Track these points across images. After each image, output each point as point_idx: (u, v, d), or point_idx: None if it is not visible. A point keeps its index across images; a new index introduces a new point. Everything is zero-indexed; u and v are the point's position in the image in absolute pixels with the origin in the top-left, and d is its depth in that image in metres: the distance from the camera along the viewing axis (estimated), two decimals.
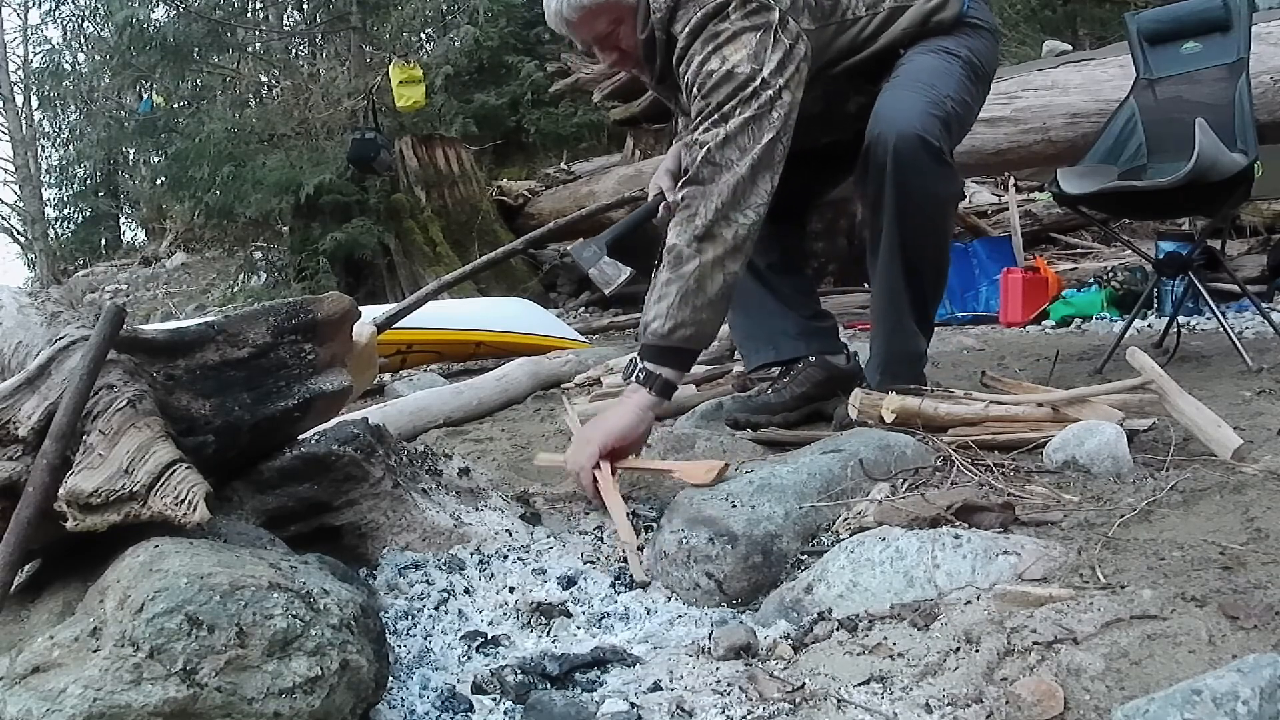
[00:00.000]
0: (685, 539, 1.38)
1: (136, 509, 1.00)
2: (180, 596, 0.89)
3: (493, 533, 1.50)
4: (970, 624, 1.05)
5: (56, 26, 16.14)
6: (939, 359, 3.13)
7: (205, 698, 0.87)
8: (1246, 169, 2.53)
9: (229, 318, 1.34)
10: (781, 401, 2.05)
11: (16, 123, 17.51)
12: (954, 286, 4.94)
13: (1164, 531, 1.24)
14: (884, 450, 1.59)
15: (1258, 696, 0.75)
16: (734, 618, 1.29)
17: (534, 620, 1.27)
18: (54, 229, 17.56)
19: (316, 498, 1.40)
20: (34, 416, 1.06)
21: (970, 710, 0.93)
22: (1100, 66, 4.09)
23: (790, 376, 2.11)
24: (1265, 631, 0.92)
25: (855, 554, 1.24)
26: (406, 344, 4.03)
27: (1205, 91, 2.83)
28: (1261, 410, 1.92)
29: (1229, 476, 1.40)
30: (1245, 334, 3.09)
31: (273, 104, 11.05)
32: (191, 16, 9.65)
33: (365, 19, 9.52)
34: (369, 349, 1.52)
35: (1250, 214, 5.63)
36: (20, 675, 0.88)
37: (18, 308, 1.34)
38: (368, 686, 0.97)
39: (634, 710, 1.01)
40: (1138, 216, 3.91)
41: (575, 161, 8.96)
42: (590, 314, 6.65)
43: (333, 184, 7.87)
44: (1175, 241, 3.93)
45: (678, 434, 2.00)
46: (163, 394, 1.18)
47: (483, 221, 7.52)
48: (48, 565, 1.12)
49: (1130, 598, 1.02)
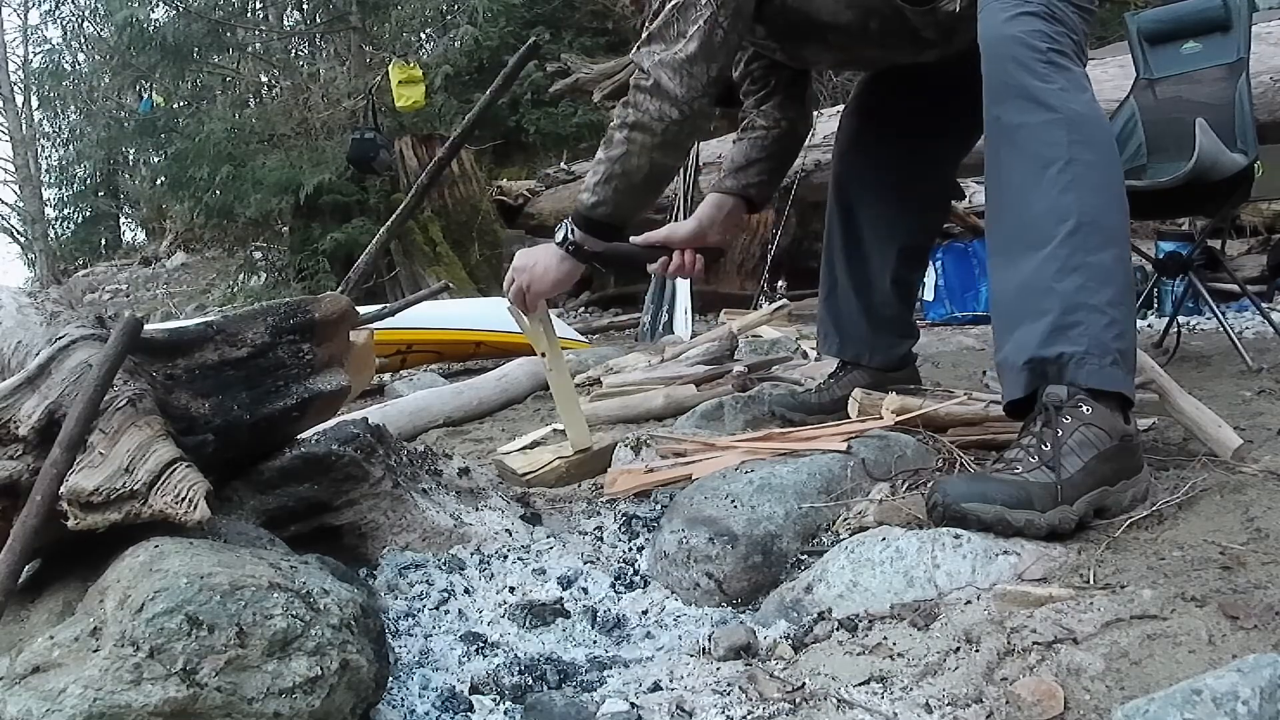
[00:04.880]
0: (685, 539, 1.38)
1: (137, 507, 1.00)
2: (180, 596, 0.89)
3: (493, 533, 1.50)
4: (970, 624, 1.05)
5: (56, 26, 16.15)
6: (939, 359, 3.14)
7: (205, 698, 0.87)
8: (1246, 169, 2.53)
9: (228, 318, 1.34)
10: (820, 403, 2.04)
11: (16, 123, 17.52)
12: (954, 286, 4.95)
13: (1164, 531, 1.24)
14: (884, 450, 1.59)
15: (1258, 696, 0.75)
16: (734, 618, 1.29)
17: (534, 620, 1.27)
18: (54, 229, 17.58)
19: (316, 498, 1.40)
20: (34, 416, 1.06)
21: (970, 710, 0.93)
22: (1100, 66, 4.09)
23: (837, 379, 2.08)
24: (1265, 631, 0.92)
25: (855, 554, 1.23)
26: (406, 344, 4.04)
27: (1205, 91, 2.84)
28: (1261, 410, 1.92)
29: (1229, 476, 1.40)
30: (1245, 334, 3.10)
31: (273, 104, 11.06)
32: (191, 16, 9.65)
33: (365, 19, 9.52)
34: (366, 349, 1.52)
35: (1250, 214, 5.63)
36: (20, 675, 0.88)
37: (18, 308, 1.34)
38: (368, 686, 0.97)
39: (634, 710, 1.01)
40: (1137, 216, 3.88)
41: (575, 161, 8.95)
42: (590, 314, 6.66)
43: (333, 184, 7.89)
44: (1175, 241, 3.94)
45: None
46: (162, 393, 1.18)
47: (483, 221, 7.52)
48: (48, 565, 1.12)
49: (1130, 598, 1.02)
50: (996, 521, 1.23)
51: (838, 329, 2.09)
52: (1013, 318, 1.42)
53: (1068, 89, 1.41)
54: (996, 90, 1.45)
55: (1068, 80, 1.42)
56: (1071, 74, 1.44)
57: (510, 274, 1.83)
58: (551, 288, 1.81)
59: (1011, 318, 1.42)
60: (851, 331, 2.07)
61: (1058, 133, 1.39)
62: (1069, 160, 1.38)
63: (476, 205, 7.62)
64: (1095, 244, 1.36)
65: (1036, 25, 1.43)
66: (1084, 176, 1.38)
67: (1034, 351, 1.36)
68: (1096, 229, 1.37)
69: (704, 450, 1.76)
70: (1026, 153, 1.42)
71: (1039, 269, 1.38)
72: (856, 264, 2.04)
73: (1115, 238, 1.40)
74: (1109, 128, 1.51)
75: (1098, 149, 1.42)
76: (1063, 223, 1.37)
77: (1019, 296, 1.41)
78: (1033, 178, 1.41)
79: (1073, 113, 1.41)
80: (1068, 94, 1.41)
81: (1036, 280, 1.38)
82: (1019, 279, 1.41)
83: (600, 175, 1.72)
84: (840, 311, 2.08)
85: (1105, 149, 1.44)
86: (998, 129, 1.45)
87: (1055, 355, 1.33)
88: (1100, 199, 1.39)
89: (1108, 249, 1.37)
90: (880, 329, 2.05)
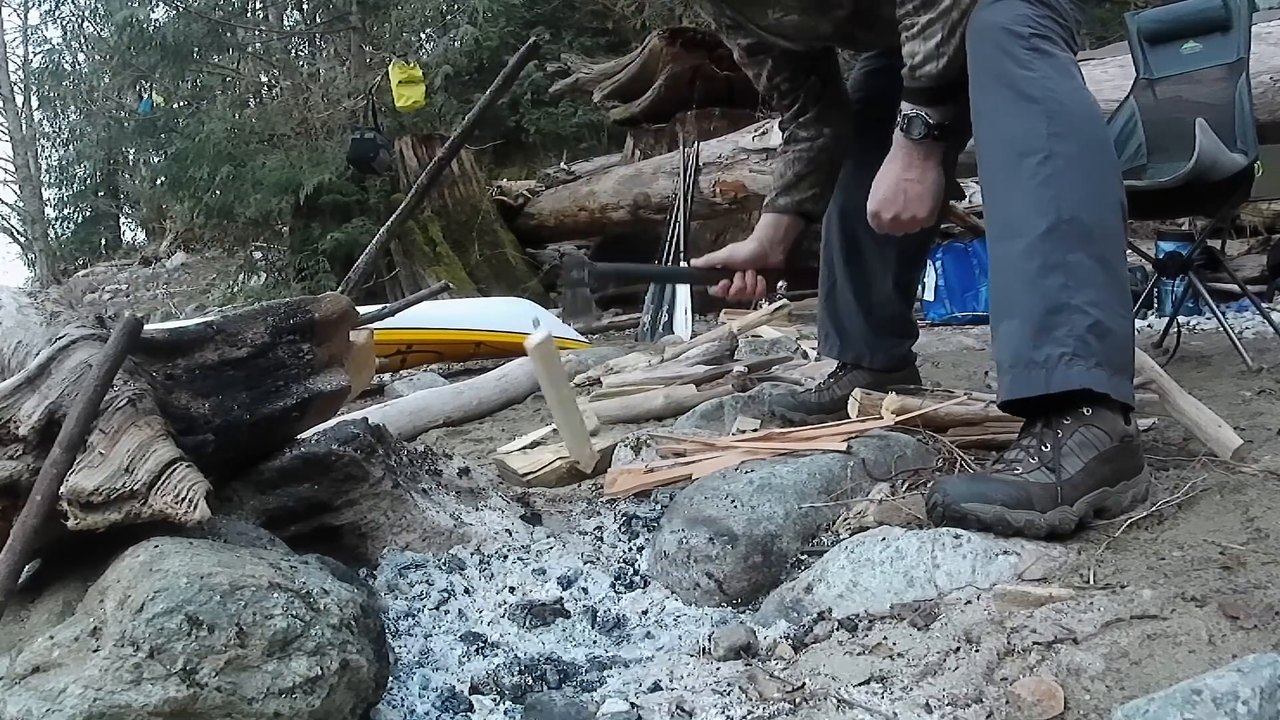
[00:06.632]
0: (685, 539, 1.38)
1: (137, 507, 1.00)
2: (180, 596, 0.89)
3: (493, 533, 1.50)
4: (970, 624, 1.05)
5: (56, 26, 16.18)
6: (939, 359, 3.14)
7: (205, 698, 0.87)
8: (1246, 169, 2.53)
9: (228, 318, 1.34)
10: (820, 403, 2.03)
11: (16, 123, 17.52)
12: (954, 286, 4.95)
13: (1164, 531, 1.24)
14: (884, 450, 1.59)
15: (1258, 696, 0.75)
16: (734, 618, 1.29)
17: (534, 620, 1.27)
18: (54, 229, 17.57)
19: (316, 498, 1.40)
20: (34, 416, 1.06)
21: (970, 710, 0.93)
22: (1100, 66, 4.08)
23: (837, 378, 2.07)
24: (1265, 631, 0.92)
25: (855, 554, 1.23)
26: (406, 344, 4.04)
27: (1205, 91, 2.83)
28: (1261, 410, 1.92)
29: (1229, 476, 1.40)
30: (1245, 334, 3.10)
31: (273, 104, 11.08)
32: (191, 16, 9.67)
33: (365, 19, 9.54)
34: (366, 349, 1.52)
35: (1250, 214, 5.63)
36: (20, 675, 0.88)
37: (18, 308, 1.34)
38: (368, 686, 0.97)
39: (634, 710, 1.01)
40: (1137, 216, 3.90)
41: (575, 161, 8.95)
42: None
43: (332, 184, 7.89)
44: (1175, 241, 3.94)
45: None
46: (162, 393, 1.18)
47: (483, 221, 7.52)
48: (48, 565, 1.12)
49: (1130, 598, 1.02)
50: (996, 522, 1.22)
51: (838, 331, 2.08)
52: (999, 311, 1.41)
53: (1051, 76, 1.37)
54: (979, 77, 1.42)
55: (1051, 67, 1.38)
56: (1056, 60, 1.39)
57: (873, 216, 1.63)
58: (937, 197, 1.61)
59: (999, 310, 1.41)
60: (852, 333, 2.06)
61: (1037, 123, 1.36)
62: (1048, 154, 1.35)
63: (476, 205, 7.61)
64: (1076, 242, 1.33)
65: (1021, 10, 1.40)
66: (1064, 170, 1.35)
67: (1020, 352, 1.35)
68: (1077, 226, 1.33)
69: (704, 450, 1.76)
70: (1006, 143, 1.39)
71: (1020, 265, 1.36)
72: (855, 265, 2.03)
73: (1098, 234, 1.35)
74: (1095, 116, 1.42)
75: (1080, 140, 1.37)
76: (1042, 218, 1.34)
77: (1006, 291, 1.40)
78: (1011, 170, 1.38)
79: (1055, 102, 1.36)
80: (1050, 81, 1.37)
81: (1019, 277, 1.36)
82: (1004, 273, 1.40)
83: (943, 32, 1.48)
84: (840, 313, 2.07)
85: (1088, 140, 1.38)
86: (978, 117, 1.43)
87: (1043, 358, 1.32)
88: (1082, 194, 1.35)
89: (1089, 246, 1.33)
90: (881, 330, 2.04)
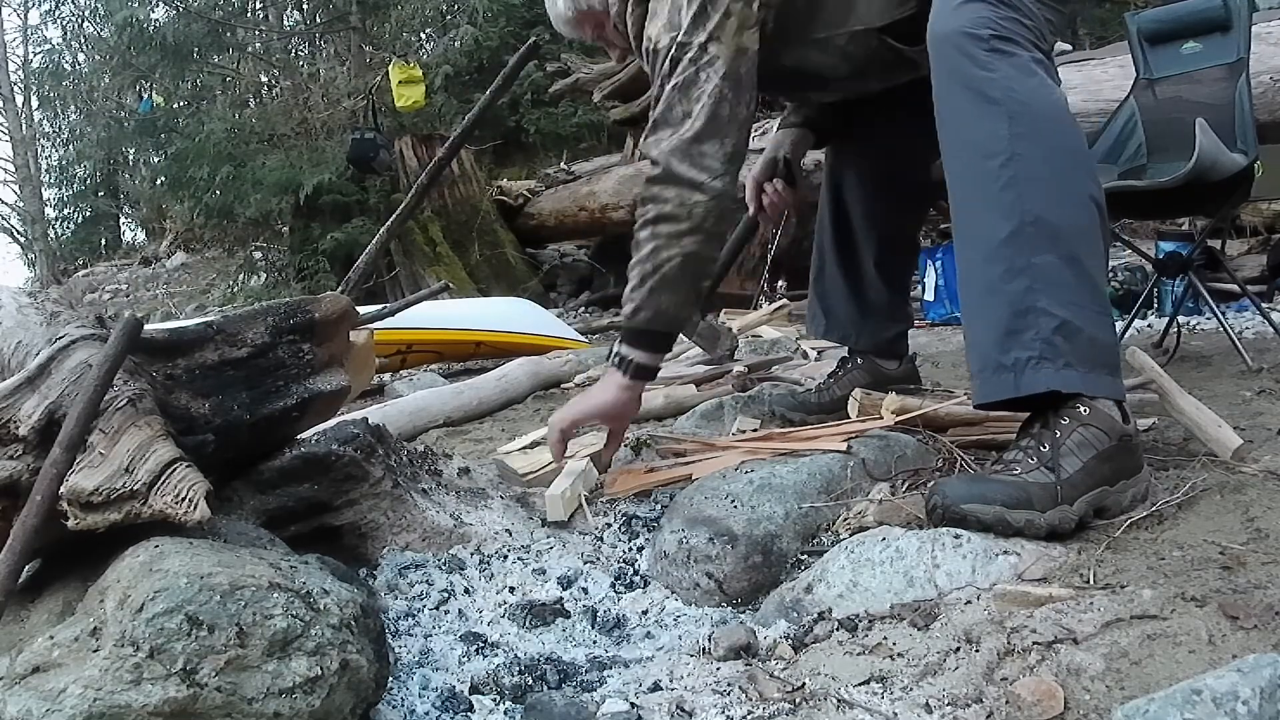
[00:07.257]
0: (685, 539, 1.38)
1: (137, 507, 1.00)
2: (180, 596, 0.89)
3: (493, 533, 1.50)
4: (970, 624, 1.05)
5: (56, 26, 16.15)
6: (939, 359, 3.13)
7: (205, 698, 0.87)
8: (1246, 169, 2.52)
9: (228, 318, 1.35)
10: (820, 403, 2.04)
11: (16, 123, 17.52)
12: (954, 287, 4.94)
13: (1164, 531, 1.24)
14: (884, 450, 1.59)
15: (1258, 696, 0.75)
16: (734, 618, 1.29)
17: (534, 620, 1.27)
18: (54, 229, 17.57)
19: (316, 498, 1.41)
20: (34, 416, 1.06)
21: (970, 710, 0.93)
22: (1100, 66, 4.08)
23: (836, 378, 2.08)
24: (1265, 631, 0.92)
25: (855, 554, 1.23)
26: (406, 344, 4.03)
27: (1205, 91, 2.83)
28: (1261, 410, 1.92)
29: (1229, 476, 1.40)
30: (1245, 334, 3.09)
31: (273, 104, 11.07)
32: (191, 16, 9.67)
33: (365, 19, 9.53)
34: (366, 349, 1.52)
35: (1250, 214, 5.62)
36: (20, 675, 0.88)
37: (17, 308, 1.34)
38: (368, 686, 0.97)
39: (634, 710, 1.01)
40: (1138, 216, 3.91)
41: (575, 161, 8.95)
42: (590, 314, 6.65)
43: (332, 184, 7.88)
44: (1175, 241, 3.93)
45: None
46: (162, 393, 1.18)
47: (483, 221, 7.51)
48: (48, 565, 1.12)
49: (1130, 598, 1.02)
50: (996, 522, 1.22)
51: (825, 311, 2.11)
52: (968, 316, 1.41)
53: (1012, 76, 1.36)
54: (940, 83, 1.42)
55: (1013, 66, 1.36)
56: (1017, 59, 1.37)
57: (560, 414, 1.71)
58: (595, 412, 1.69)
59: (968, 316, 1.41)
60: (839, 313, 2.08)
61: (999, 125, 1.35)
62: (1010, 155, 1.33)
63: (476, 205, 7.61)
64: (1043, 243, 1.31)
65: (981, 13, 1.39)
66: (1028, 171, 1.33)
67: (988, 357, 1.34)
68: (1043, 226, 1.32)
69: (704, 450, 1.76)
70: (968, 148, 1.38)
71: (984, 272, 1.35)
72: (845, 248, 2.06)
73: (1067, 233, 1.33)
74: (1060, 113, 1.39)
75: (1044, 139, 1.35)
76: (1006, 222, 1.33)
77: (974, 295, 1.39)
78: (974, 175, 1.37)
79: (1016, 103, 1.35)
80: (1012, 82, 1.36)
81: (983, 283, 1.36)
82: (970, 281, 1.39)
83: (634, 281, 1.61)
84: (828, 293, 2.10)
85: (1052, 140, 1.36)
86: (942, 124, 1.42)
87: (1010, 361, 1.32)
88: (1048, 193, 1.33)
89: (1057, 246, 1.32)
90: (868, 312, 2.07)
